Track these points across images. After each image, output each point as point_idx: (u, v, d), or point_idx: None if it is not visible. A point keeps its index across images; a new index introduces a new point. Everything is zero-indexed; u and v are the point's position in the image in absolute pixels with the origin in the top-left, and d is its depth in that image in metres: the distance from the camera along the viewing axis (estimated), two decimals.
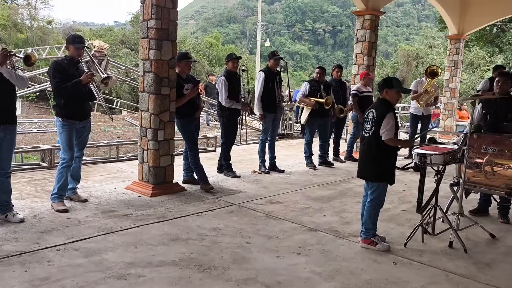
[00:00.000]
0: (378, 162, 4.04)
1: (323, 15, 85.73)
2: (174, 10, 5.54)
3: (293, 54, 76.78)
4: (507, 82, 4.92)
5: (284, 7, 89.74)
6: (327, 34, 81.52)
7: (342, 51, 76.01)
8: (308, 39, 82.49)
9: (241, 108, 6.70)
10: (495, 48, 29.01)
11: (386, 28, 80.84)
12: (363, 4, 8.96)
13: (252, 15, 78.86)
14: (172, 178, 5.80)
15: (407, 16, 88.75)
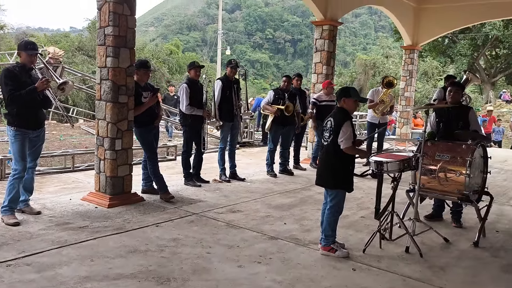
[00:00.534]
0: (336, 170, 4.10)
1: (283, 24, 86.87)
2: (132, 17, 5.45)
3: (254, 62, 77.30)
4: (458, 91, 5.12)
5: (244, 15, 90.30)
6: (287, 43, 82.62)
7: (302, 60, 77.17)
8: (269, 48, 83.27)
9: (202, 114, 6.62)
10: (447, 59, 30.25)
11: (344, 38, 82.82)
12: (322, 14, 9.13)
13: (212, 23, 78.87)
14: (130, 188, 5.67)
15: (364, 26, 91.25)
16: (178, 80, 29.44)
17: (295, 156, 8.58)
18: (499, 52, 30.74)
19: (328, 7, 9.15)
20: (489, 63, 31.64)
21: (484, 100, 30.69)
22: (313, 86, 9.49)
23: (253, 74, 70.73)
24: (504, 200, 6.73)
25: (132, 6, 5.43)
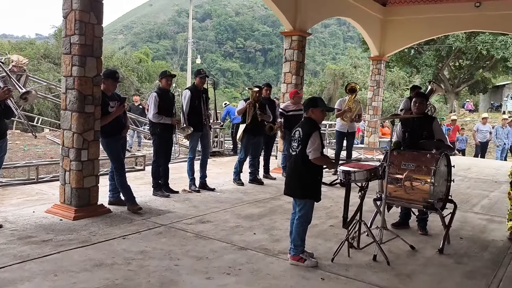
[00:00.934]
0: (305, 180, 4.13)
1: (254, 33, 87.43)
2: (99, 26, 5.37)
3: (224, 71, 77.39)
4: (423, 102, 5.27)
5: (215, 24, 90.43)
6: (258, 52, 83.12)
7: (272, 69, 77.77)
8: (239, 57, 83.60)
9: (171, 122, 6.55)
10: (413, 69, 31.11)
11: (314, 48, 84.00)
12: (291, 25, 9.24)
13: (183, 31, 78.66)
14: (96, 200, 5.55)
15: (334, 36, 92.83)
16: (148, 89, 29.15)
17: (265, 166, 8.60)
18: (462, 63, 31.87)
19: (297, 18, 9.27)
20: (453, 74, 32.71)
21: (449, 110, 31.65)
22: (282, 95, 9.56)
23: (224, 83, 70.83)
24: (467, 207, 6.92)
25: (100, 14, 5.35)
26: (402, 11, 13.13)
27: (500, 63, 29.33)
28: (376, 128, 13.71)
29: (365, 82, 27.82)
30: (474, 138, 14.98)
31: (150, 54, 46.51)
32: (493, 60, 28.80)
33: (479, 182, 9.37)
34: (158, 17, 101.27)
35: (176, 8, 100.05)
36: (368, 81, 14.45)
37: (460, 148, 15.16)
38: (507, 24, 12.08)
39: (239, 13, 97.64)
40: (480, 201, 7.46)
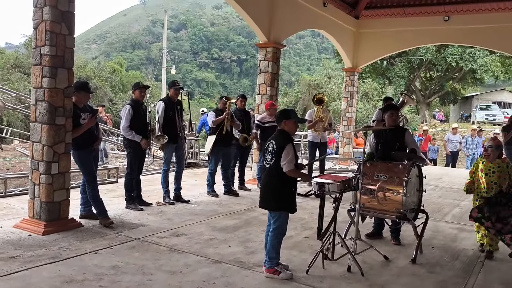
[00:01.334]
0: (279, 192, 4.13)
1: (229, 44, 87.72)
2: (70, 37, 5.29)
3: (199, 82, 77.26)
4: (396, 115, 5.37)
5: (190, 35, 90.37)
6: (233, 62, 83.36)
7: (248, 79, 78.07)
8: (215, 67, 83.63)
9: (140, 143, 6.43)
10: (386, 80, 31.72)
11: (289, 58, 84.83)
12: (265, 37, 9.31)
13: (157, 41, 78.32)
14: (67, 214, 5.41)
15: (308, 48, 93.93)
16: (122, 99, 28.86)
17: (240, 177, 8.58)
18: (432, 75, 32.68)
19: (271, 30, 9.35)
20: (424, 85, 33.49)
21: (421, 120, 32.32)
22: (257, 106, 9.59)
23: (199, 93, 70.68)
24: (439, 217, 7.04)
25: (71, 25, 5.27)
26: (374, 24, 13.42)
27: (468, 75, 30.20)
28: (350, 138, 13.89)
29: (339, 93, 28.22)
30: (445, 148, 15.31)
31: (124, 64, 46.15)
32: (462, 71, 29.64)
33: (450, 191, 9.57)
34: (133, 27, 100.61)
35: (150, 18, 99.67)
36: (342, 92, 14.64)
37: (431, 158, 15.46)
38: (474, 38, 12.49)
39: (214, 23, 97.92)
40: (451, 210, 7.61)
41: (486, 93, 39.57)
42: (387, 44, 13.64)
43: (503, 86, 44.04)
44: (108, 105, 30.19)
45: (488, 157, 5.09)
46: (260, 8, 9.15)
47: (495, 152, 5.06)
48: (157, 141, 6.91)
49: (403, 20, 12.96)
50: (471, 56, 26.95)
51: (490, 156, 5.06)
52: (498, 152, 5.08)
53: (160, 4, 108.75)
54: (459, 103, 38.12)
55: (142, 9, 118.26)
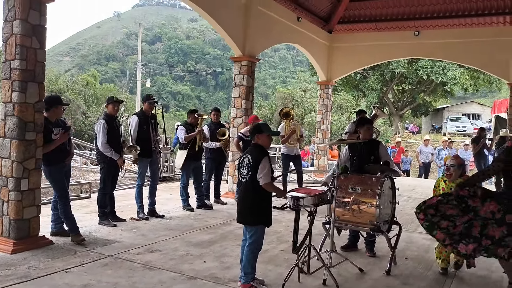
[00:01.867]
0: (256, 206, 4.13)
1: (205, 57, 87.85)
2: (41, 50, 5.20)
3: (175, 94, 76.96)
4: (370, 128, 5.46)
5: (165, 47, 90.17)
6: (209, 75, 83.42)
7: (223, 92, 78.17)
8: (190, 80, 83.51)
9: (117, 161, 6.35)
10: (360, 93, 32.22)
11: (265, 71, 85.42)
12: (240, 51, 9.36)
13: (132, 54, 77.82)
14: (37, 231, 5.27)
15: (283, 60, 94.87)
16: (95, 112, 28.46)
17: (215, 190, 8.53)
18: (404, 87, 33.37)
19: (246, 44, 9.41)
20: (397, 97, 34.16)
21: (394, 132, 32.91)
22: (232, 120, 9.60)
23: (175, 106, 70.33)
24: (412, 228, 7.13)
25: (42, 39, 5.19)
26: (348, 38, 13.67)
27: (439, 87, 30.99)
28: (325, 151, 14.02)
29: (314, 105, 28.50)
30: (418, 159, 15.60)
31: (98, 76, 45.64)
32: (433, 84, 30.38)
33: None
34: (107, 40, 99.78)
35: (125, 31, 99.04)
36: (317, 104, 14.80)
37: (404, 169, 15.72)
38: (442, 52, 12.87)
39: (189, 36, 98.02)
40: None
41: (456, 105, 40.71)
42: (360, 58, 13.89)
43: (472, 98, 45.45)
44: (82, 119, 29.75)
45: (450, 176, 4.91)
46: (235, 23, 9.22)
47: (457, 171, 4.87)
48: (128, 152, 6.80)
49: (375, 35, 13.25)
50: (441, 69, 27.68)
51: (452, 175, 4.88)
52: (460, 171, 4.88)
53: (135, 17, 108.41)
54: (431, 115, 39.01)
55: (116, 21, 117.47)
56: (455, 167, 4.87)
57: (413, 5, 12.41)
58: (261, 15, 9.87)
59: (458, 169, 4.87)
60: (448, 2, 12.00)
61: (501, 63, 11.71)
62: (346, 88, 31.94)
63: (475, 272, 5.01)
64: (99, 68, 73.05)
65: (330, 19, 13.26)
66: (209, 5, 8.48)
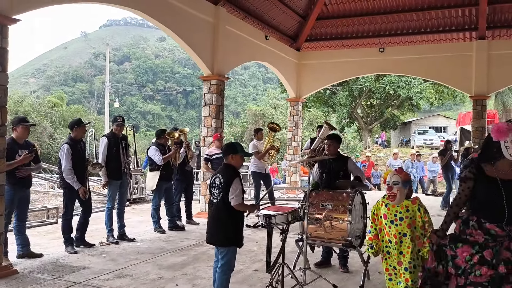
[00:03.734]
0: (227, 227, 4.08)
1: (174, 76, 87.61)
2: (3, 74, 5.07)
3: (145, 114, 76.20)
4: (334, 143, 5.47)
5: (134, 67, 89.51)
6: (179, 94, 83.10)
7: (194, 111, 77.89)
8: (160, 99, 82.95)
9: (79, 191, 6.14)
10: (329, 108, 32.68)
11: (235, 89, 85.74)
12: (209, 70, 9.38)
13: (100, 74, 76.88)
14: (1, 260, 5.05)
15: (253, 78, 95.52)
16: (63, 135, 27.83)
17: (187, 211, 8.39)
18: (373, 102, 34.05)
19: (214, 63, 9.44)
20: (366, 112, 34.80)
21: (364, 146, 33.42)
22: (203, 139, 9.56)
23: (145, 126, 69.58)
24: None
25: (4, 62, 5.07)
26: (315, 55, 13.91)
27: (406, 102, 31.75)
28: (297, 167, 14.08)
29: (285, 122, 28.71)
30: None
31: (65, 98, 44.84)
32: (400, 99, 31.11)
33: None
34: (74, 60, 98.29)
35: (92, 51, 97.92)
36: (287, 121, 14.92)
37: (375, 183, 15.94)
38: (407, 67, 13.25)
39: (158, 55, 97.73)
40: None
41: (423, 119, 41.74)
42: (328, 75, 14.12)
43: (438, 112, 46.72)
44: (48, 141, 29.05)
45: (393, 198, 3.71)
46: (203, 42, 9.24)
47: (403, 191, 3.70)
48: (92, 169, 6.63)
49: (342, 52, 13.53)
50: (407, 84, 28.42)
51: (397, 196, 3.69)
52: (406, 190, 3.74)
53: (102, 37, 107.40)
54: (399, 129, 39.86)
55: (83, 41, 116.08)
56: (399, 185, 3.70)
57: (377, 22, 12.78)
58: (229, 34, 9.94)
59: (404, 187, 3.72)
60: (410, 19, 12.42)
61: (463, 78, 12.12)
62: (316, 104, 32.35)
63: None
64: (66, 89, 71.79)
65: (297, 37, 13.48)
66: (176, 25, 8.48)
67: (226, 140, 10.07)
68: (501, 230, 3.07)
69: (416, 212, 3.72)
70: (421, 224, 3.72)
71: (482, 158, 3.24)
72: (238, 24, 10.47)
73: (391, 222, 3.76)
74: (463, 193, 3.24)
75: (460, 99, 31.20)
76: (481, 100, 11.96)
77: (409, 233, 3.70)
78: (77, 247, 6.21)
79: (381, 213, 3.86)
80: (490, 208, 3.12)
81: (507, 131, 3.05)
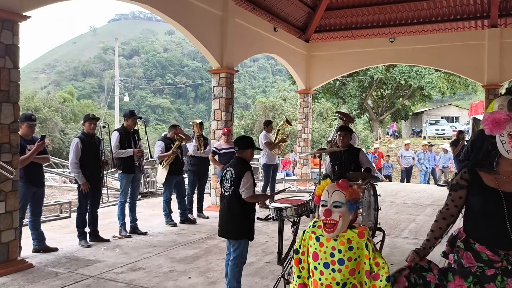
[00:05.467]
0: (239, 220, 4.09)
1: (183, 69, 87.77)
2: (15, 70, 5.11)
3: (154, 108, 76.55)
4: (347, 135, 5.46)
5: (143, 61, 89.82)
6: (188, 87, 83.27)
7: (204, 104, 78.08)
8: (170, 93, 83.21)
9: (81, 186, 6.18)
10: (339, 100, 32.51)
11: (244, 81, 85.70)
12: (218, 63, 9.37)
13: (109, 68, 77.32)
14: (17, 255, 5.13)
15: (263, 70, 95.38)
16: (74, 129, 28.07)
17: (198, 204, 8.43)
18: (383, 93, 33.81)
19: (223, 56, 9.42)
20: (376, 103, 34.57)
21: (375, 137, 33.23)
22: (213, 132, 9.57)
23: (155, 120, 69.91)
24: (396, 233, 7.17)
25: (16, 59, 5.10)
26: (325, 47, 13.82)
27: (417, 92, 31.48)
28: (308, 159, 14.06)
29: (294, 114, 28.63)
30: (399, 164, 15.77)
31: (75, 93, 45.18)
32: (411, 89, 30.87)
33: (406, 206, 9.81)
34: (83, 55, 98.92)
35: (101, 46, 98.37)
36: (297, 113, 14.88)
37: (386, 174, 15.87)
38: (418, 57, 13.08)
39: (167, 49, 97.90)
40: (408, 226, 7.77)
41: (435, 109, 41.38)
42: (338, 66, 14.04)
43: (450, 101, 46.26)
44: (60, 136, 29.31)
45: (331, 228, 2.34)
46: (212, 35, 9.22)
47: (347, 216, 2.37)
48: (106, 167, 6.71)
49: (351, 42, 13.43)
50: (418, 74, 28.17)
51: (337, 225, 2.34)
52: (351, 215, 2.39)
53: (111, 31, 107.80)
54: (410, 119, 39.57)
55: (92, 36, 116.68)
56: (342, 208, 2.37)
57: (387, 12, 12.65)
58: (237, 26, 9.90)
59: (350, 210, 2.39)
60: (421, 8, 12.26)
61: (475, 67, 11.96)
62: (326, 96, 32.22)
63: None
64: (76, 84, 72.34)
65: (306, 29, 13.40)
66: (184, 19, 8.47)
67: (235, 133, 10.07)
68: (493, 255, 2.37)
69: (364, 250, 2.38)
70: (367, 269, 2.38)
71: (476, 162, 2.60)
72: (247, 16, 10.43)
73: (324, 265, 2.38)
74: (452, 204, 2.56)
75: (472, 88, 30.83)
76: (493, 90, 11.79)
77: (353, 282, 2.37)
78: (91, 241, 6.28)
79: (310, 250, 2.47)
80: (486, 226, 2.43)
81: (504, 122, 2.36)
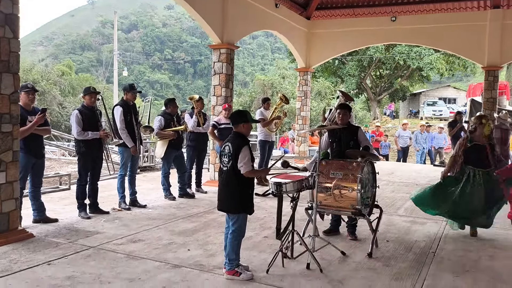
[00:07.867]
0: (237, 194, 4.14)
1: (182, 45, 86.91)
2: (15, 40, 5.07)
3: (153, 83, 76.10)
4: (346, 113, 5.48)
5: (142, 36, 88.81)
6: (187, 63, 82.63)
7: (202, 80, 77.62)
8: (168, 68, 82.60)
9: (100, 136, 6.27)
10: (338, 79, 32.42)
11: (243, 59, 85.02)
12: (219, 38, 9.30)
13: (108, 42, 76.49)
14: (17, 225, 5.19)
15: (262, 47, 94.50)
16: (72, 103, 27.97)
17: (197, 179, 8.49)
18: (382, 73, 33.70)
19: (224, 32, 9.35)
20: (375, 83, 34.49)
21: (372, 117, 33.26)
22: (212, 108, 9.57)
23: (153, 95, 69.58)
24: (392, 211, 7.27)
25: (16, 28, 5.06)
26: (325, 24, 13.71)
27: (416, 72, 31.40)
28: (306, 137, 14.10)
29: (293, 92, 28.55)
30: (396, 144, 15.83)
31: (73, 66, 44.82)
32: (410, 69, 30.76)
33: (402, 185, 9.90)
34: (81, 28, 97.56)
35: (100, 19, 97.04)
36: (296, 91, 14.85)
37: (383, 153, 15.95)
38: (419, 37, 13.02)
39: (166, 24, 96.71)
40: (403, 204, 7.87)
41: (433, 90, 41.30)
42: (338, 44, 13.96)
43: (448, 83, 46.18)
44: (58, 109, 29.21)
45: None
46: (213, 10, 9.13)
47: None
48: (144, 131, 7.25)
49: (352, 21, 13.32)
50: (417, 54, 28.03)
51: None
52: None
53: (110, 5, 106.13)
54: (408, 100, 39.54)
55: (90, 9, 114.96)
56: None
57: None
58: (239, 1, 9.81)
59: None
60: None
61: (476, 48, 11.92)
62: (325, 75, 32.10)
63: (453, 252, 5.15)
64: (74, 58, 71.66)
65: (308, 5, 13.26)
66: None
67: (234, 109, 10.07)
68: None
69: None
70: None
71: None
72: None
73: None
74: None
75: (471, 70, 30.77)
76: (493, 71, 11.79)
77: None
78: (90, 213, 6.35)
79: None
80: None
81: None
